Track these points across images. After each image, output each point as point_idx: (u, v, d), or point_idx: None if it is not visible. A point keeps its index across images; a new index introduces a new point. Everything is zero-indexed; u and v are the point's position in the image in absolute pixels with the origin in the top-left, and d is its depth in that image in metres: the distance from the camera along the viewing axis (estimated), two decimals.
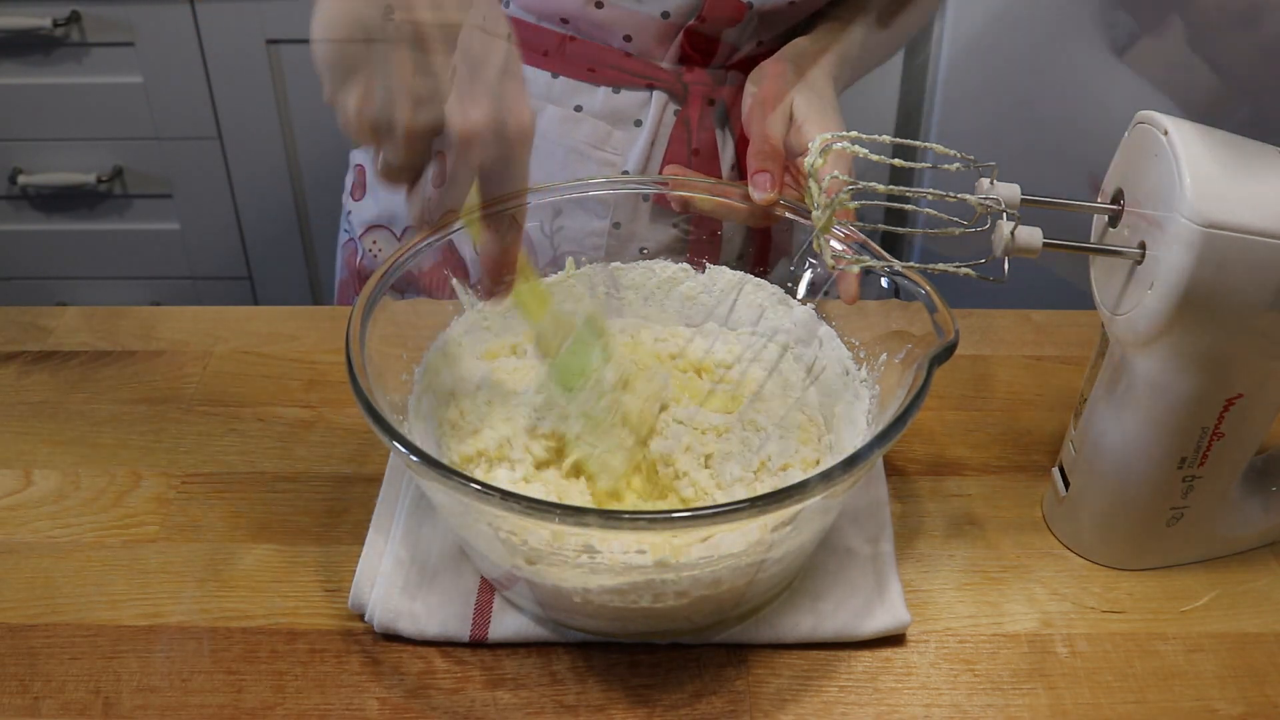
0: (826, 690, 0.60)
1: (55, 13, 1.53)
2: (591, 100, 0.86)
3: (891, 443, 0.55)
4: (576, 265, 0.74)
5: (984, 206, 0.57)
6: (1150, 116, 0.58)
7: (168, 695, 0.60)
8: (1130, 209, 0.59)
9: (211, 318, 0.88)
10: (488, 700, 0.60)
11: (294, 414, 0.78)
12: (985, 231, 0.58)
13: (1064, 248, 0.59)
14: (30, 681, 0.61)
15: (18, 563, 0.68)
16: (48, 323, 0.88)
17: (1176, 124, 0.56)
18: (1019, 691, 0.60)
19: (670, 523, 0.52)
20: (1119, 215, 0.60)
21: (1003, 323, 0.88)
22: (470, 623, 0.62)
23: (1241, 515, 0.66)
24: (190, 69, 1.58)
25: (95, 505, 0.71)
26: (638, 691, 0.60)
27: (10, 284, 1.80)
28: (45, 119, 1.63)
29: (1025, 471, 0.74)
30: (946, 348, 0.59)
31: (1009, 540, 0.69)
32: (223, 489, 0.73)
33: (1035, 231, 0.58)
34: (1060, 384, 0.81)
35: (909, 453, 0.75)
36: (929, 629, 0.63)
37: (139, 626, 0.64)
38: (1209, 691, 0.60)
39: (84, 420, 0.78)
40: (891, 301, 0.65)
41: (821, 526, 0.61)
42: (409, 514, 0.68)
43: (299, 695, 0.60)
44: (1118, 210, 0.61)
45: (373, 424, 0.55)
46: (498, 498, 0.51)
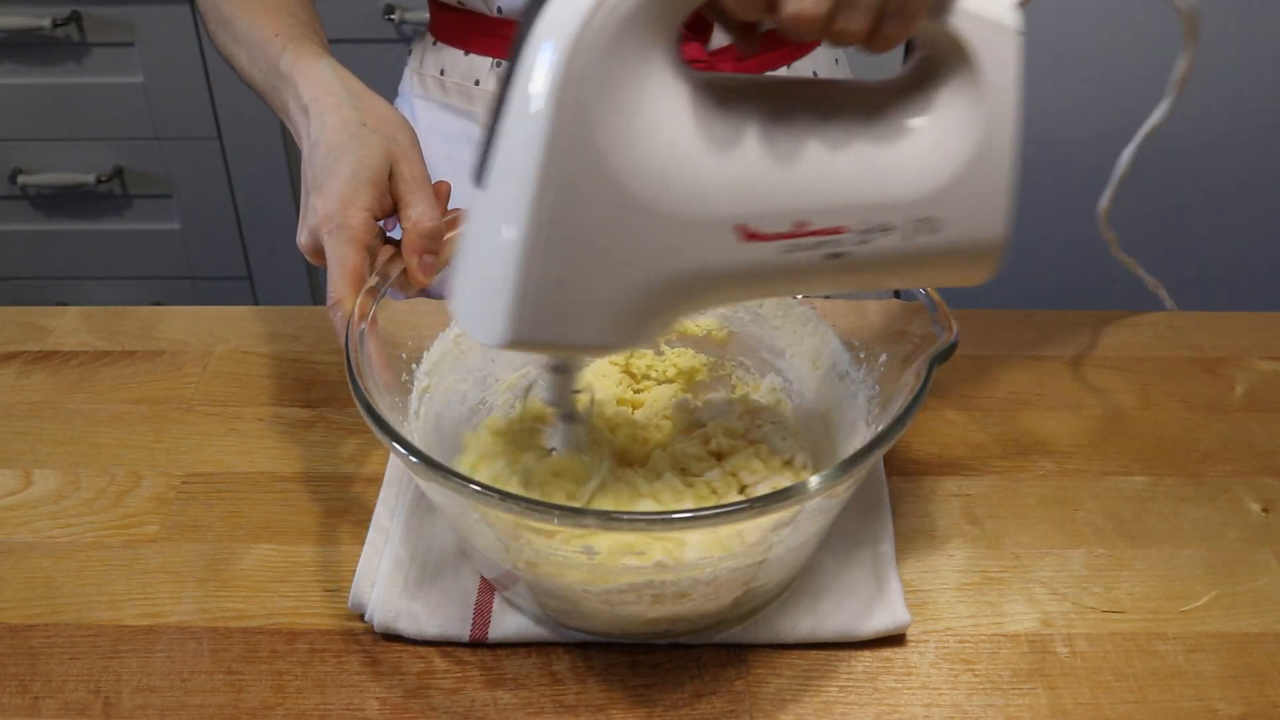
0: (826, 690, 0.60)
1: (55, 13, 1.53)
2: None
3: (891, 443, 0.55)
4: None
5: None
6: None
7: (168, 695, 0.60)
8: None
9: (211, 318, 0.88)
10: (488, 700, 0.60)
11: (294, 414, 0.78)
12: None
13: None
14: (30, 681, 0.61)
15: (18, 563, 0.68)
16: (48, 323, 0.88)
17: None
18: (1019, 691, 0.60)
19: (669, 524, 0.52)
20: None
21: (1003, 323, 0.88)
22: (470, 623, 0.62)
23: None
24: (190, 69, 1.58)
25: (95, 505, 0.71)
26: (638, 691, 0.60)
27: (10, 284, 1.80)
28: (45, 119, 1.63)
29: (1025, 471, 0.74)
30: (946, 348, 0.59)
31: (1009, 540, 0.69)
32: (223, 489, 0.73)
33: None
34: (1060, 384, 0.81)
35: (909, 453, 0.75)
36: (929, 629, 0.63)
37: (139, 626, 0.64)
38: (1209, 691, 0.60)
39: (84, 420, 0.78)
40: (891, 302, 0.65)
41: (821, 527, 0.61)
42: (409, 514, 0.68)
43: (299, 695, 0.60)
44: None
45: (372, 424, 0.55)
46: (497, 498, 0.51)
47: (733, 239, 0.50)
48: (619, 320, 0.51)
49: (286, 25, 0.75)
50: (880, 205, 0.52)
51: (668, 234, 0.49)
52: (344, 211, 0.63)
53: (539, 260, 0.48)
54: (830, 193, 0.51)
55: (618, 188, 0.48)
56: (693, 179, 0.49)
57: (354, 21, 1.54)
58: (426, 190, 0.66)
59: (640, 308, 0.51)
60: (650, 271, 0.50)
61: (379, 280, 0.64)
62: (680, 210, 0.49)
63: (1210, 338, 0.86)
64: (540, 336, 0.50)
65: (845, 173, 0.51)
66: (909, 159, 0.52)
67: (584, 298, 0.50)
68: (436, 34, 0.93)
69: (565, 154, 0.47)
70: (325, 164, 0.65)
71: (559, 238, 0.48)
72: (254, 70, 0.76)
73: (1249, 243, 1.70)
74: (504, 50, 0.88)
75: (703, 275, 0.51)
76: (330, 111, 0.67)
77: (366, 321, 0.61)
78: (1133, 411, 0.79)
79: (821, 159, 0.51)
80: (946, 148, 0.52)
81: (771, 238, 0.51)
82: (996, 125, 0.52)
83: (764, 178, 0.50)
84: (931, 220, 0.52)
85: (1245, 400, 0.80)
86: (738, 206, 0.50)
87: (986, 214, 0.53)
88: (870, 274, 0.54)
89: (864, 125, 0.52)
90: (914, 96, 0.52)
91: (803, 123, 0.51)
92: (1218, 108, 1.57)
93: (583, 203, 0.48)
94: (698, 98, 0.49)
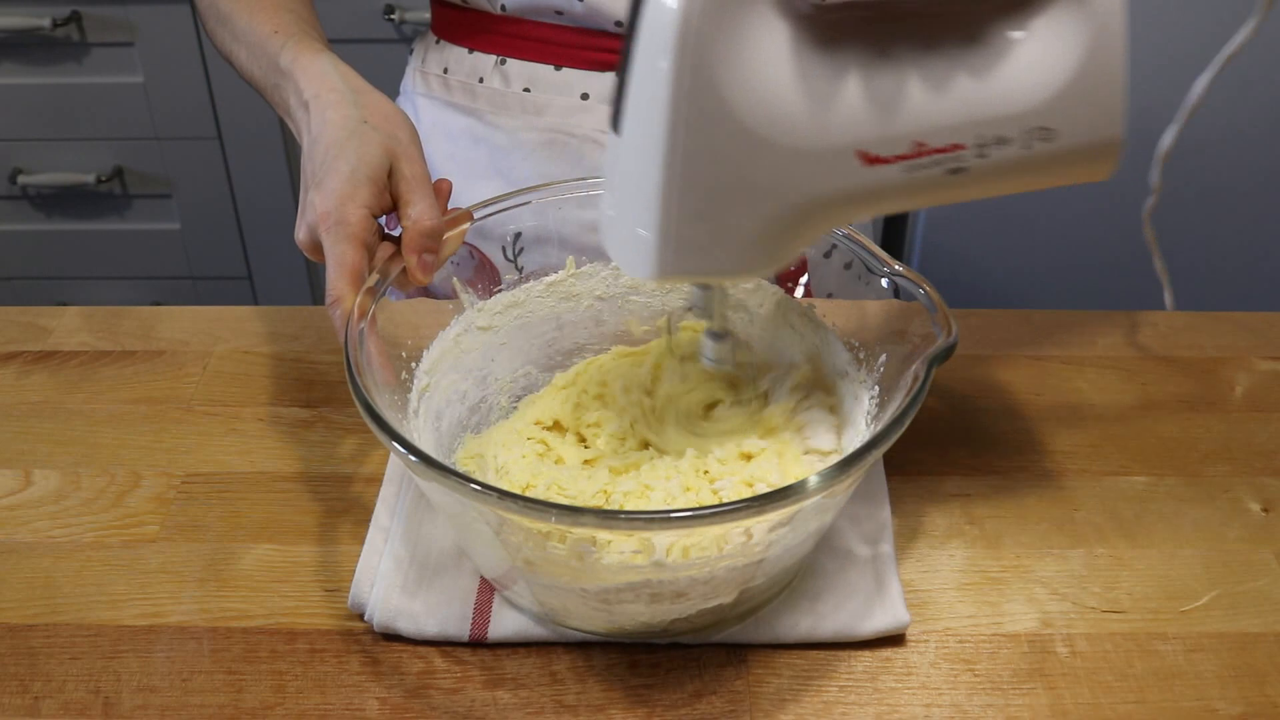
0: (826, 690, 0.60)
1: (55, 13, 1.53)
2: (597, 87, 0.86)
3: (890, 443, 0.55)
4: (577, 264, 0.74)
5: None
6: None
7: (168, 695, 0.60)
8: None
9: (211, 318, 0.88)
10: (488, 700, 0.60)
11: (294, 414, 0.78)
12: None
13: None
14: (30, 681, 0.61)
15: (18, 563, 0.68)
16: (48, 323, 0.88)
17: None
18: (1019, 691, 0.60)
19: (667, 523, 0.52)
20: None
21: (1003, 323, 0.88)
22: (470, 622, 0.62)
23: None
24: (190, 69, 1.58)
25: (95, 505, 0.71)
26: (637, 691, 0.60)
27: (10, 284, 1.80)
28: (45, 119, 1.63)
29: (1025, 471, 0.74)
30: (946, 348, 0.59)
31: (1009, 540, 0.69)
32: (223, 489, 0.73)
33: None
34: (1060, 384, 0.81)
35: (909, 453, 0.75)
36: (929, 629, 0.63)
37: (139, 626, 0.64)
38: (1209, 691, 0.60)
39: (84, 420, 0.78)
40: (891, 302, 0.65)
41: (820, 526, 0.61)
42: (409, 514, 0.68)
43: (299, 695, 0.60)
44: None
45: (372, 424, 0.55)
46: (495, 497, 0.51)
47: (855, 164, 0.53)
48: (756, 248, 0.54)
49: (285, 22, 0.75)
50: (995, 119, 0.54)
51: (793, 166, 0.52)
52: (342, 209, 0.63)
53: (677, 200, 0.52)
54: (944, 112, 0.53)
55: (741, 127, 0.51)
56: (809, 113, 0.52)
57: (354, 21, 1.54)
58: (427, 188, 0.66)
59: (775, 235, 0.54)
60: (781, 201, 0.53)
61: (379, 279, 0.64)
62: (801, 143, 0.52)
63: (1210, 338, 0.86)
64: (685, 269, 0.55)
65: (956, 91, 0.53)
66: (1018, 71, 0.53)
67: (721, 231, 0.53)
68: (439, 32, 0.93)
69: (690, 100, 0.50)
70: (325, 160, 0.65)
71: (693, 178, 0.52)
72: (253, 67, 0.76)
73: (1249, 243, 1.70)
74: (508, 48, 0.88)
75: (831, 200, 0.54)
76: (331, 108, 0.67)
77: (366, 320, 0.61)
78: (1133, 411, 0.79)
79: (931, 82, 0.53)
80: (1055, 57, 0.53)
81: (892, 160, 0.53)
82: (1104, 29, 0.53)
83: (877, 105, 0.53)
84: (1047, 129, 0.54)
85: (1245, 400, 0.80)
86: (855, 134, 0.53)
87: (1100, 117, 0.55)
88: (991, 183, 0.56)
89: (971, 44, 0.54)
90: (1018, 10, 0.54)
91: (909, 48, 0.53)
92: (1211, 108, 1.57)
93: (711, 143, 0.51)
94: (807, 32, 0.52)
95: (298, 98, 0.70)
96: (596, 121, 0.87)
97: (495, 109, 0.89)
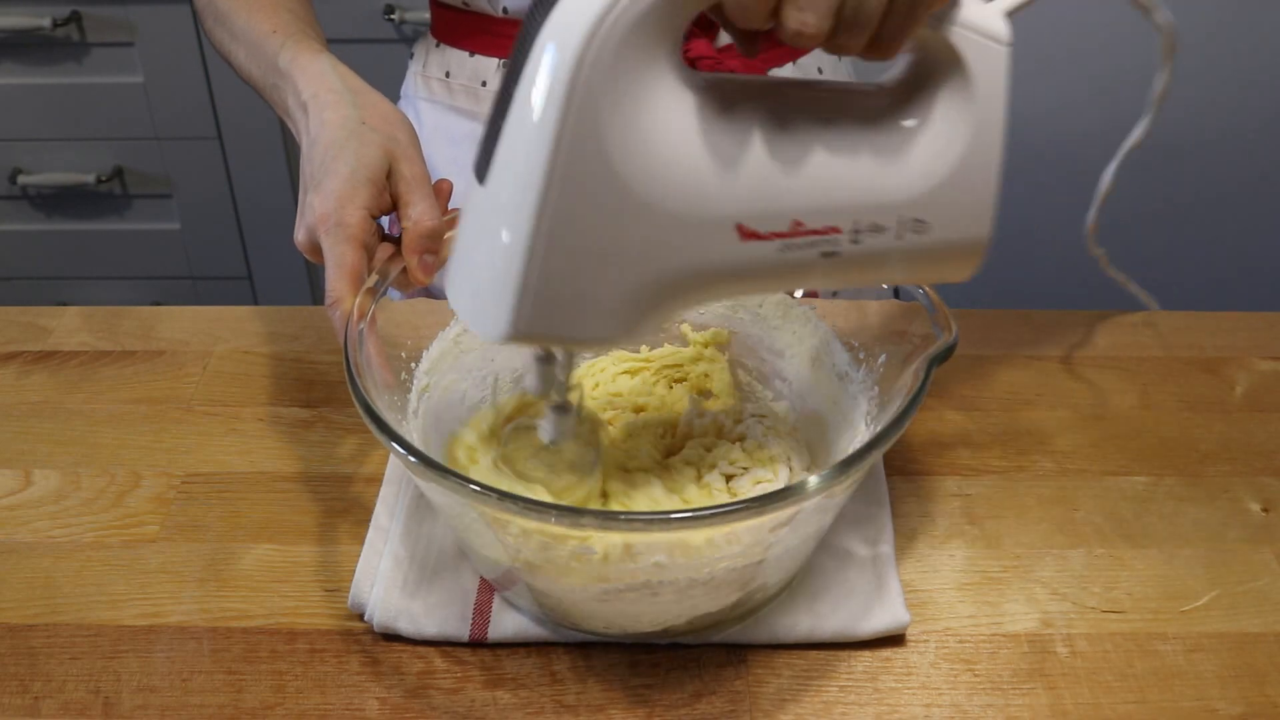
0: (826, 690, 0.60)
1: (55, 13, 1.53)
2: None
3: (890, 443, 0.55)
4: None
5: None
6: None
7: (168, 695, 0.60)
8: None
9: (211, 318, 0.88)
10: (488, 700, 0.60)
11: (294, 414, 0.78)
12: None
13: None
14: (30, 681, 0.61)
15: (18, 563, 0.68)
16: (48, 323, 0.88)
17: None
18: (1019, 691, 0.60)
19: (667, 523, 0.52)
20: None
21: (1003, 323, 0.88)
22: (469, 623, 0.62)
23: None
24: (190, 69, 1.58)
25: (95, 505, 0.71)
26: (637, 691, 0.60)
27: (10, 284, 1.80)
28: (45, 119, 1.63)
29: (1025, 471, 0.74)
30: (946, 348, 0.59)
31: (1009, 540, 0.69)
32: (223, 489, 0.73)
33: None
34: (1060, 384, 0.81)
35: (909, 453, 0.75)
36: (929, 629, 0.63)
37: (139, 626, 0.64)
38: (1209, 691, 0.60)
39: (84, 420, 0.78)
40: (891, 302, 0.65)
41: (820, 527, 0.61)
42: (409, 514, 0.68)
43: (299, 695, 0.60)
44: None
45: (371, 424, 0.55)
46: (495, 498, 0.51)
47: (733, 238, 0.51)
48: (619, 315, 0.51)
49: (284, 22, 0.75)
50: (874, 206, 0.53)
51: (670, 233, 0.50)
52: (341, 210, 0.63)
53: (540, 259, 0.49)
54: (827, 194, 0.52)
55: (623, 188, 0.48)
56: (697, 180, 0.50)
57: (354, 21, 1.54)
58: (426, 189, 0.66)
59: (640, 303, 0.51)
60: (652, 269, 0.51)
61: (378, 279, 0.64)
62: (683, 210, 0.50)
63: (1210, 338, 0.86)
64: (540, 331, 0.51)
65: (842, 175, 0.52)
66: (902, 162, 0.53)
67: (585, 294, 0.50)
68: (439, 35, 0.93)
69: (570, 156, 0.47)
70: (323, 162, 0.65)
71: (561, 237, 0.49)
72: (252, 67, 0.76)
73: (1249, 243, 1.70)
74: (509, 50, 0.87)
75: (703, 272, 0.52)
76: (329, 108, 0.67)
77: (366, 321, 0.61)
78: (1133, 411, 0.79)
79: (820, 162, 0.52)
80: (938, 151, 0.53)
81: (769, 237, 0.52)
82: (985, 130, 0.53)
83: (765, 179, 0.51)
84: (921, 221, 0.54)
85: (1245, 400, 0.80)
86: (739, 206, 0.51)
87: (973, 215, 0.55)
88: (861, 272, 0.56)
89: (861, 129, 0.53)
90: (908, 101, 0.54)
91: (803, 126, 0.52)
92: (1209, 109, 1.57)
93: (587, 203, 0.48)
94: (702, 100, 0.50)
95: (296, 98, 0.70)
96: None
97: None
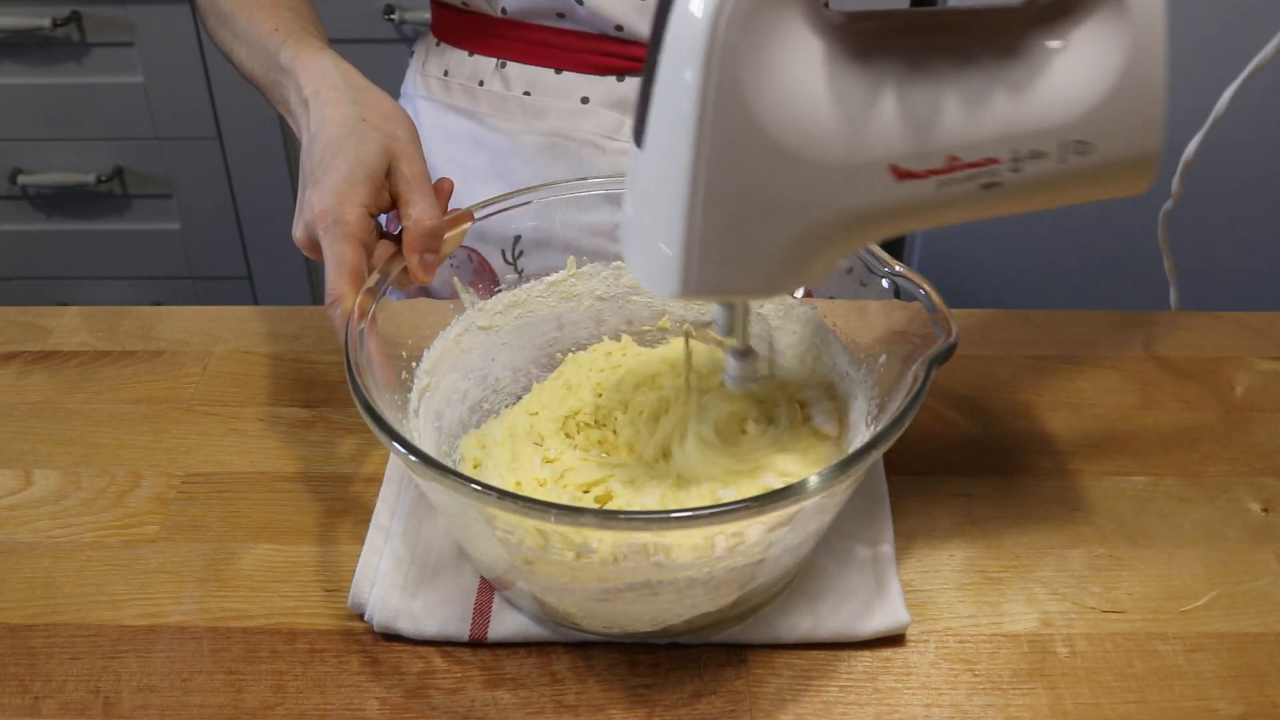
0: (826, 690, 0.60)
1: (55, 13, 1.53)
2: (597, 91, 0.86)
3: (890, 443, 0.55)
4: (578, 264, 0.74)
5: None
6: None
7: (168, 695, 0.60)
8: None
9: (211, 318, 0.88)
10: (488, 700, 0.60)
11: (294, 414, 0.78)
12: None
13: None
14: (30, 681, 0.61)
15: (18, 563, 0.68)
16: (48, 323, 0.88)
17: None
18: (1019, 691, 0.60)
19: (667, 523, 0.52)
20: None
21: (1003, 323, 0.88)
22: (470, 623, 0.62)
23: None
24: (190, 69, 1.58)
25: (95, 505, 0.71)
26: (637, 691, 0.60)
27: (10, 284, 1.80)
28: (45, 119, 1.63)
29: (1025, 471, 0.74)
30: (946, 348, 0.59)
31: (1009, 540, 0.69)
32: (223, 489, 0.73)
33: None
34: (1060, 384, 0.81)
35: (909, 452, 0.75)
36: (929, 629, 0.63)
37: (139, 626, 0.64)
38: (1209, 691, 0.60)
39: (84, 420, 0.78)
40: (891, 302, 0.65)
41: (820, 526, 0.61)
42: (409, 513, 0.68)
43: (299, 695, 0.60)
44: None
45: (371, 424, 0.55)
46: (494, 497, 0.51)
47: (888, 179, 0.52)
48: (782, 266, 0.53)
49: (285, 19, 0.75)
50: (1030, 134, 0.53)
51: (822, 181, 0.51)
52: (340, 208, 0.63)
53: (701, 216, 0.50)
54: (978, 127, 0.52)
55: (769, 141, 0.50)
56: (840, 127, 0.50)
57: (354, 21, 1.54)
58: (426, 188, 0.66)
59: (802, 252, 0.53)
60: (810, 218, 0.52)
61: (379, 279, 0.64)
62: (831, 158, 0.51)
63: (1210, 338, 0.86)
64: (709, 287, 0.53)
65: (991, 105, 0.52)
66: (1055, 85, 0.52)
67: (748, 248, 0.52)
68: (439, 34, 0.93)
69: (716, 114, 0.49)
70: (323, 159, 0.65)
71: (718, 194, 0.50)
72: (254, 65, 0.76)
73: (1248, 243, 1.69)
74: (508, 51, 0.88)
75: (861, 216, 0.52)
76: (330, 105, 0.67)
77: (366, 320, 0.61)
78: (1133, 411, 0.79)
79: (965, 95, 0.52)
80: (1092, 71, 0.52)
81: (925, 175, 0.52)
82: (1144, 43, 0.52)
83: (910, 119, 0.51)
84: (1084, 143, 0.53)
85: (1245, 400, 0.80)
86: (887, 149, 0.51)
87: (1138, 131, 0.54)
88: (1025, 198, 0.55)
89: (1006, 57, 0.52)
90: (1056, 21, 0.53)
91: (943, 60, 0.52)
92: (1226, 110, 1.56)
93: (738, 159, 0.50)
94: (839, 46, 0.51)
95: (297, 95, 0.70)
96: (597, 125, 0.86)
97: (495, 112, 0.89)
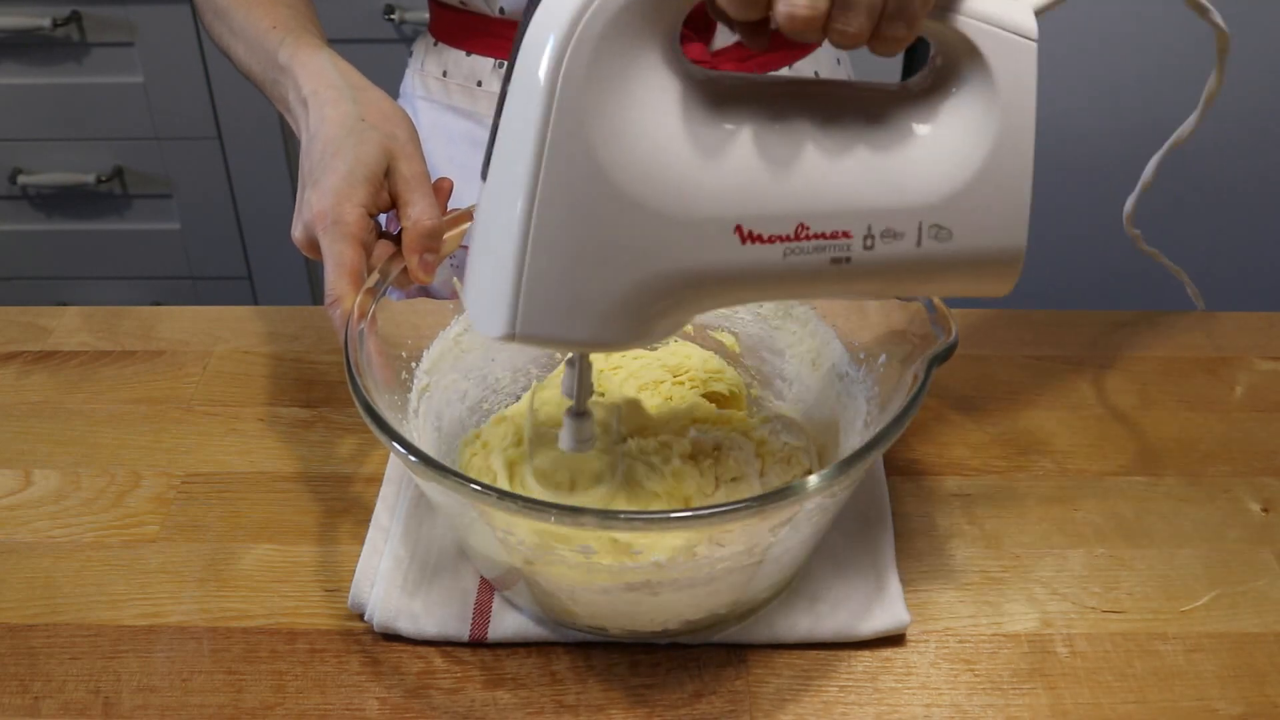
0: (826, 690, 0.60)
1: (55, 13, 1.53)
2: None
3: (889, 443, 0.55)
4: None
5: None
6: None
7: (168, 695, 0.60)
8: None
9: (211, 318, 0.88)
10: (488, 700, 0.60)
11: (294, 414, 0.78)
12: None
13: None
14: (30, 681, 0.61)
15: (18, 563, 0.68)
16: (48, 323, 0.88)
17: None
18: (1019, 691, 0.60)
19: (667, 523, 0.52)
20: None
21: (1003, 323, 0.88)
22: (470, 622, 0.62)
23: None
24: (190, 69, 1.58)
25: (95, 505, 0.71)
26: (637, 691, 0.60)
27: (10, 284, 1.80)
28: (45, 119, 1.63)
29: (1025, 471, 0.74)
30: (946, 348, 0.59)
31: (1009, 540, 0.69)
32: (223, 489, 0.73)
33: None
34: (1060, 384, 0.81)
35: (909, 453, 0.75)
36: (929, 629, 0.63)
37: (139, 626, 0.64)
38: (1209, 691, 0.60)
39: (84, 420, 0.78)
40: (892, 302, 0.65)
41: (820, 527, 0.61)
42: (409, 513, 0.68)
43: (299, 695, 0.60)
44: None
45: (371, 424, 0.55)
46: (494, 497, 0.51)
47: (732, 240, 0.49)
48: (619, 318, 0.50)
49: (284, 17, 0.75)
50: (887, 210, 0.51)
51: (664, 233, 0.49)
52: (339, 208, 0.63)
53: (534, 257, 0.48)
54: (831, 196, 0.50)
55: (611, 186, 0.47)
56: (686, 177, 0.48)
57: (354, 21, 1.54)
58: (426, 188, 0.66)
59: (640, 306, 0.50)
60: (648, 270, 0.49)
61: (379, 279, 0.64)
62: (673, 208, 0.48)
63: (1210, 338, 0.86)
64: (540, 332, 0.50)
65: (847, 176, 0.50)
66: (918, 164, 0.51)
67: (582, 294, 0.49)
68: (437, 34, 0.93)
69: (555, 152, 0.47)
70: (322, 159, 0.65)
71: (552, 232, 0.48)
72: (252, 63, 0.76)
73: (1248, 243, 1.70)
74: (506, 51, 0.88)
75: (703, 275, 0.50)
76: (329, 105, 0.67)
77: (366, 320, 0.61)
78: (1133, 411, 0.79)
79: (822, 162, 0.50)
80: (959, 154, 0.51)
81: (771, 240, 0.50)
82: (1013, 132, 0.50)
83: (761, 179, 0.49)
84: (942, 227, 0.51)
85: (1245, 400, 0.80)
86: (733, 207, 0.49)
87: (1003, 222, 0.52)
88: (879, 281, 0.53)
89: (869, 129, 0.51)
90: (925, 101, 0.51)
91: (803, 124, 0.50)
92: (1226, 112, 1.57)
93: (575, 200, 0.47)
94: (695, 97, 0.49)
95: (296, 94, 0.70)
96: None
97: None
